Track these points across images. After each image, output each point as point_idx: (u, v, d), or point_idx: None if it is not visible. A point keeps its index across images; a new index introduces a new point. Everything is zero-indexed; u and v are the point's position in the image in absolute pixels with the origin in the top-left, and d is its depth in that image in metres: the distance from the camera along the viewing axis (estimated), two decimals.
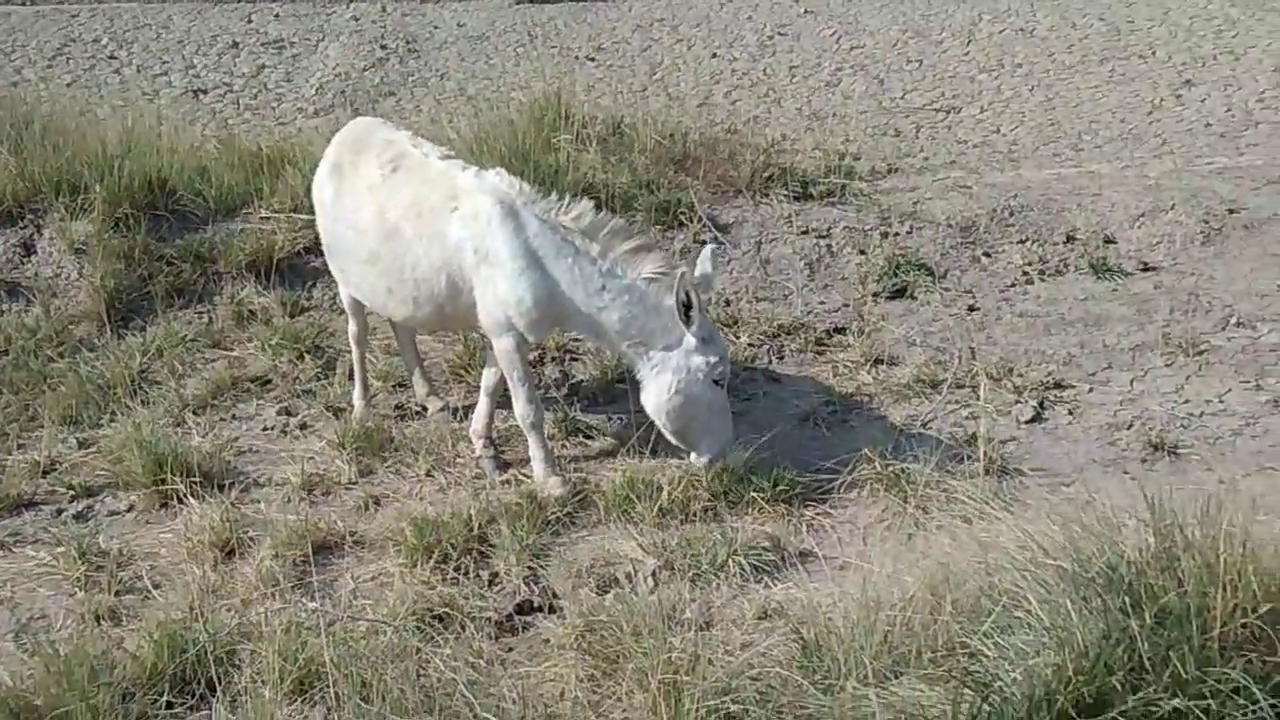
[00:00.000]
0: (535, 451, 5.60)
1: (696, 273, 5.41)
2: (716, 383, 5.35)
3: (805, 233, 7.49)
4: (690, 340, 5.28)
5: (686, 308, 5.21)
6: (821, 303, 7.10)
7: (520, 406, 5.56)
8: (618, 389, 6.35)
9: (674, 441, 5.49)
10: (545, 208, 5.38)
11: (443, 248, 5.43)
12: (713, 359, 5.32)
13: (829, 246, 7.42)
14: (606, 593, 4.91)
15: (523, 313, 5.35)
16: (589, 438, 6.03)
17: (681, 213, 7.48)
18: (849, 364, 6.54)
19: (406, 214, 5.53)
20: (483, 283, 5.39)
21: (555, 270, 5.32)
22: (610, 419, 6.15)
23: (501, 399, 5.84)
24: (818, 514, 5.37)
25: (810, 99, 9.61)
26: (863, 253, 7.36)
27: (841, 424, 6.08)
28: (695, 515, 5.29)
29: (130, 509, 5.61)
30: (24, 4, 12.05)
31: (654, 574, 4.97)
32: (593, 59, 10.68)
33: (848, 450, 5.66)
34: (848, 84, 9.94)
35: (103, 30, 11.29)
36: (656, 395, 5.37)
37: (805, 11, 11.62)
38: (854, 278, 7.24)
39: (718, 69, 10.34)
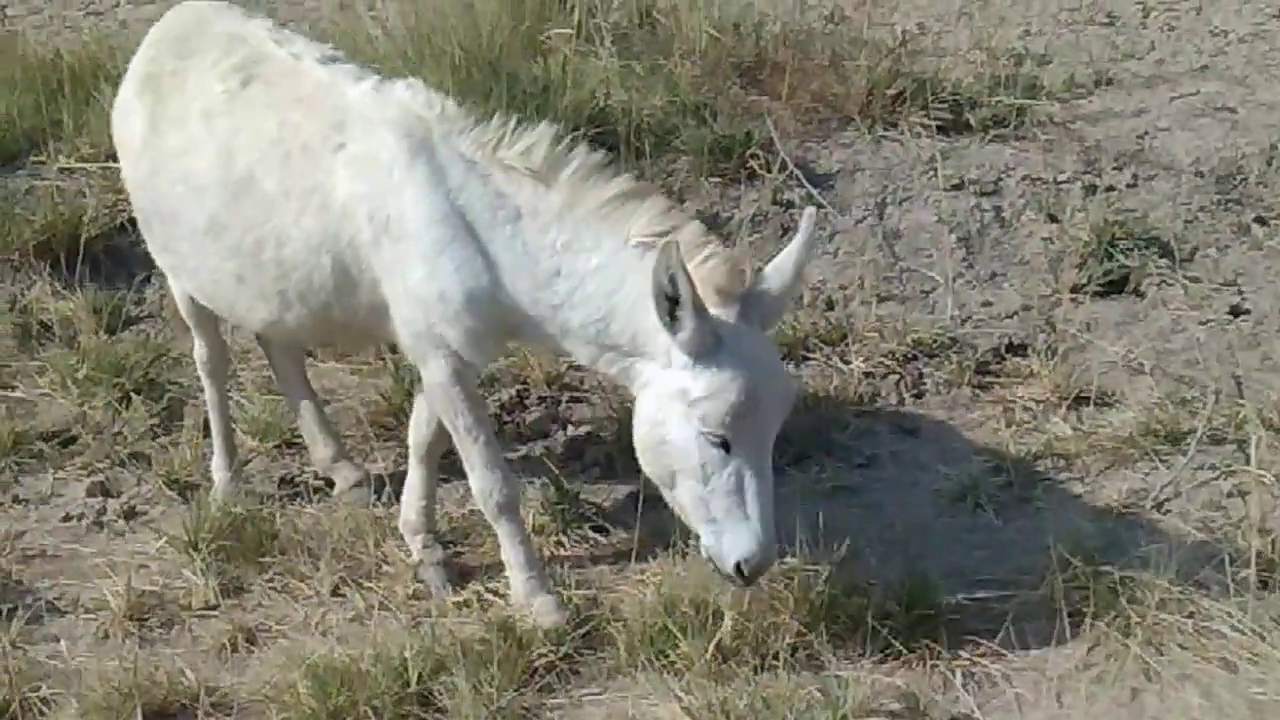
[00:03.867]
0: (510, 552, 5.62)
1: (786, 262, 5.21)
2: (708, 438, 5.07)
3: (959, 187, 7.50)
4: (676, 355, 5.14)
5: (671, 301, 4.99)
6: (986, 304, 7.12)
7: (477, 477, 5.57)
8: None
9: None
10: (477, 140, 5.35)
11: (323, 211, 5.48)
12: (698, 391, 5.04)
13: (998, 210, 7.43)
14: None
15: (449, 318, 5.36)
16: (601, 530, 6.07)
17: (753, 156, 7.52)
18: (1031, 405, 6.55)
19: (267, 156, 5.58)
20: (389, 269, 5.41)
21: (492, 243, 5.31)
22: (636, 499, 6.14)
23: (453, 466, 5.86)
24: (981, 655, 5.33)
25: None
26: (1054, 220, 7.37)
27: (1019, 505, 6.07)
28: (778, 657, 5.27)
29: None
30: None
31: None
32: None
33: (1030, 549, 5.64)
34: None
35: None
36: (636, 425, 5.31)
37: None
38: (1039, 261, 7.23)
39: None
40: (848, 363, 6.80)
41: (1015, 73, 8.07)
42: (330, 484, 6.37)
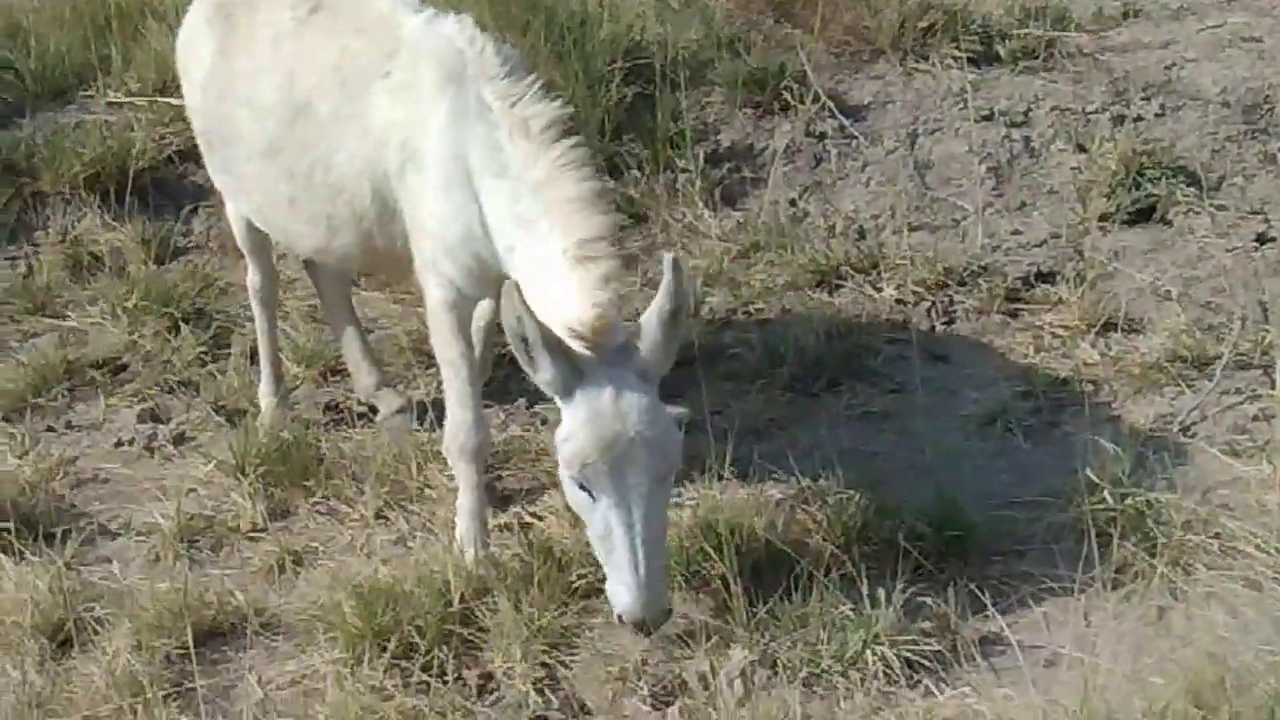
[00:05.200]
0: (462, 497, 5.57)
1: (650, 320, 4.94)
2: (573, 480, 4.93)
3: (988, 118, 7.48)
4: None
5: (523, 341, 4.84)
6: (1016, 232, 7.10)
7: (451, 413, 5.52)
8: (682, 374, 6.35)
9: None
10: (502, 91, 5.24)
11: (364, 136, 5.49)
12: (561, 432, 4.94)
13: (1027, 140, 7.41)
14: (667, 706, 4.93)
15: (447, 251, 5.35)
16: None
17: (786, 88, 7.51)
18: (1060, 331, 6.54)
19: (325, 81, 5.60)
20: (411, 197, 5.41)
21: (480, 191, 5.24)
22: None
23: (491, 392, 5.88)
24: (1009, 576, 5.35)
25: None
26: (1083, 150, 7.34)
27: (1048, 429, 6.07)
28: (813, 578, 5.28)
29: None
30: None
31: (744, 674, 4.97)
32: None
33: (1058, 472, 5.64)
34: None
35: None
36: None
37: None
38: (1068, 191, 7.21)
39: None
40: (880, 290, 6.80)
41: (1044, 5, 8.02)
42: (373, 410, 6.38)
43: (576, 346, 4.82)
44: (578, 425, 4.85)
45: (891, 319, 6.68)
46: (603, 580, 5.33)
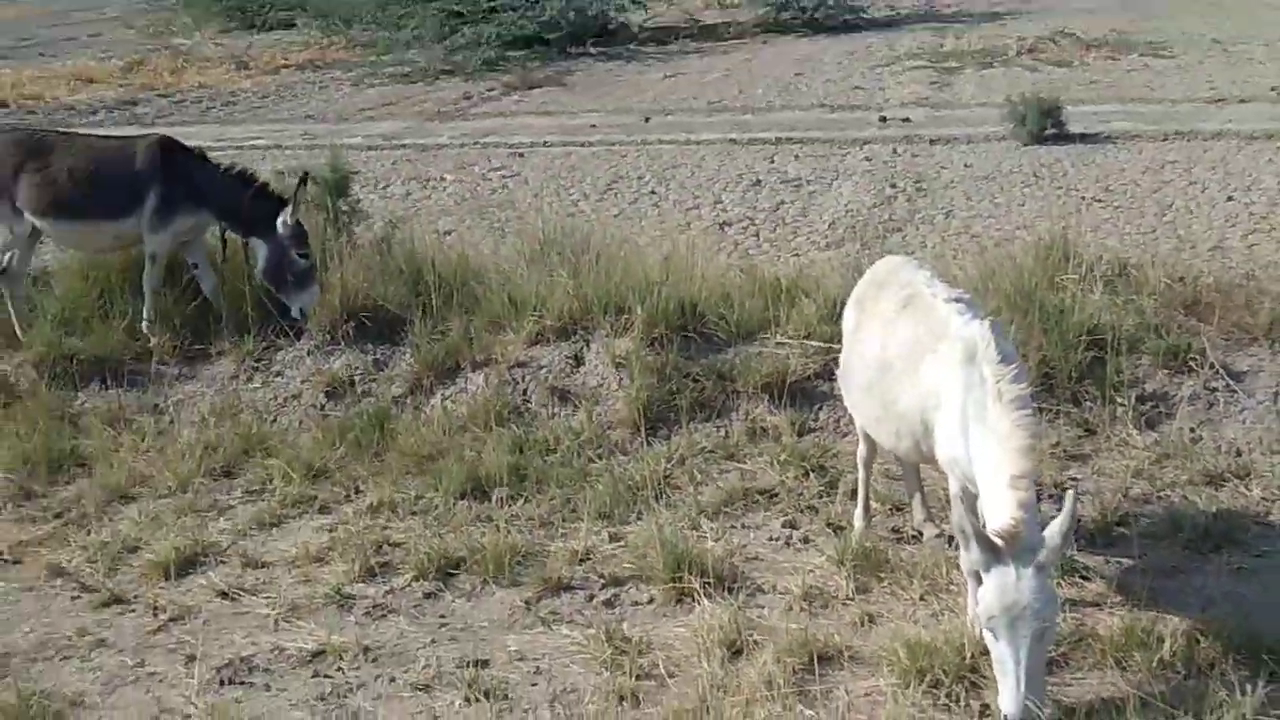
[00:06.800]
0: (971, 595, 5.37)
1: (1047, 534, 4.67)
2: (989, 629, 4.69)
3: None
4: None
5: (962, 532, 4.78)
6: None
7: (961, 549, 5.32)
8: (1117, 532, 6.08)
9: None
10: (997, 371, 5.06)
11: (915, 387, 5.46)
12: (980, 595, 4.77)
13: None
14: None
15: (956, 460, 5.23)
16: (1085, 579, 5.78)
17: (1191, 358, 7.13)
18: None
19: (901, 350, 5.62)
20: (939, 429, 5.34)
21: (970, 432, 5.10)
22: (1109, 562, 5.88)
23: None
24: None
25: None
26: None
27: None
28: (1201, 671, 4.95)
29: (650, 601, 5.93)
30: (582, 145, 13.41)
31: None
32: (1100, 200, 10.41)
33: None
34: None
35: (645, 168, 12.33)
36: None
37: None
38: None
39: (1233, 212, 9.78)
40: (1250, 490, 6.34)
41: None
42: (921, 534, 6.29)
43: (998, 541, 4.70)
44: (989, 592, 4.70)
45: (1259, 509, 6.20)
46: (1061, 654, 5.14)
